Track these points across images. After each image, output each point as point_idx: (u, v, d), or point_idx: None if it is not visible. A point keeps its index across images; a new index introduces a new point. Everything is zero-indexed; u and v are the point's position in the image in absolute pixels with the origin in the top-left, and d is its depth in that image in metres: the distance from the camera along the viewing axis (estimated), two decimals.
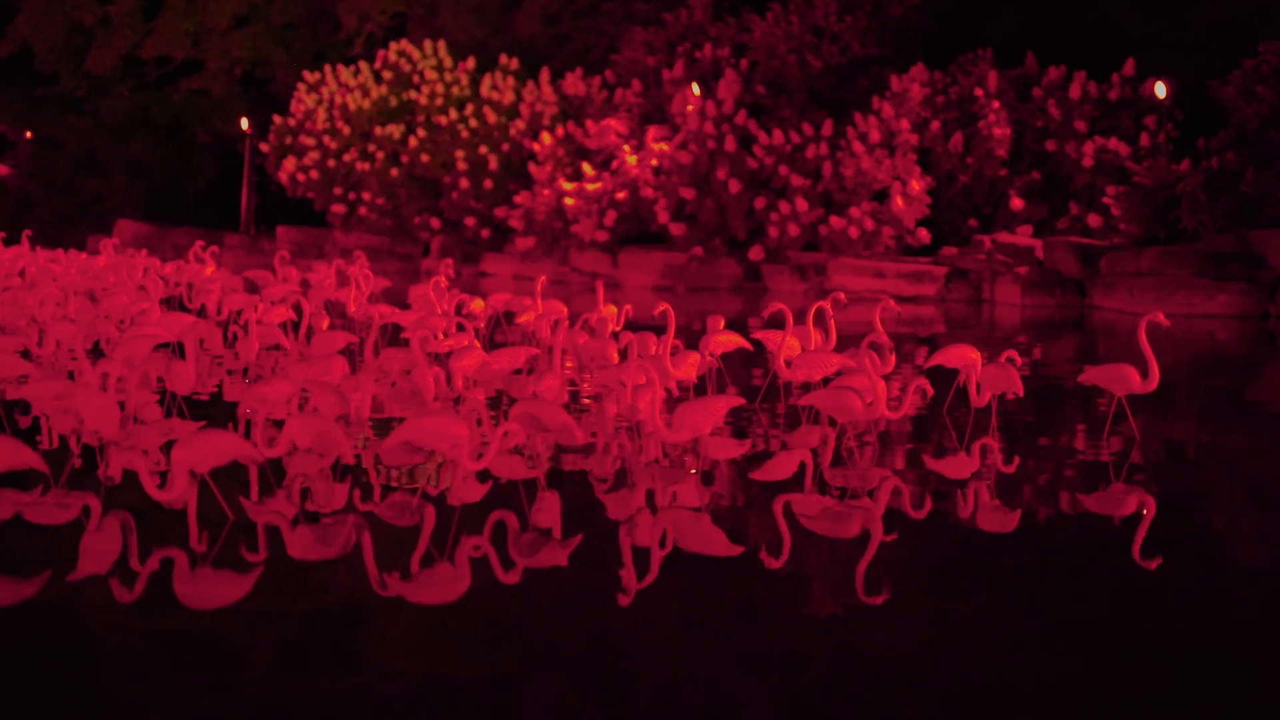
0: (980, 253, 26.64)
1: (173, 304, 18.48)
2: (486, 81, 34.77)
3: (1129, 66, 28.65)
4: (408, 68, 36.31)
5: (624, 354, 11.68)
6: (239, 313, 16.36)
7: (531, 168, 32.62)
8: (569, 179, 31.95)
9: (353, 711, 5.38)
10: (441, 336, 12.74)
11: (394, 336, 15.09)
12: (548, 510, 8.27)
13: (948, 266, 26.72)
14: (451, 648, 6.09)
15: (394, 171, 35.28)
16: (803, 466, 9.27)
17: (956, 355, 11.28)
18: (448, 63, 35.90)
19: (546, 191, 31.93)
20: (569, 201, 31.10)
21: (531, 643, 6.13)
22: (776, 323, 11.80)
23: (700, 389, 11.70)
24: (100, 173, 44.62)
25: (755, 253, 29.22)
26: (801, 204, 28.26)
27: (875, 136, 28.37)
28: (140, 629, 6.15)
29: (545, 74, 34.36)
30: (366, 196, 35.71)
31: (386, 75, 36.40)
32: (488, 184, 33.79)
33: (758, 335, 12.16)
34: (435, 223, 35.04)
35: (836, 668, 5.89)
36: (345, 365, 10.54)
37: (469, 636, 6.21)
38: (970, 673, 5.81)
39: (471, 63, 35.53)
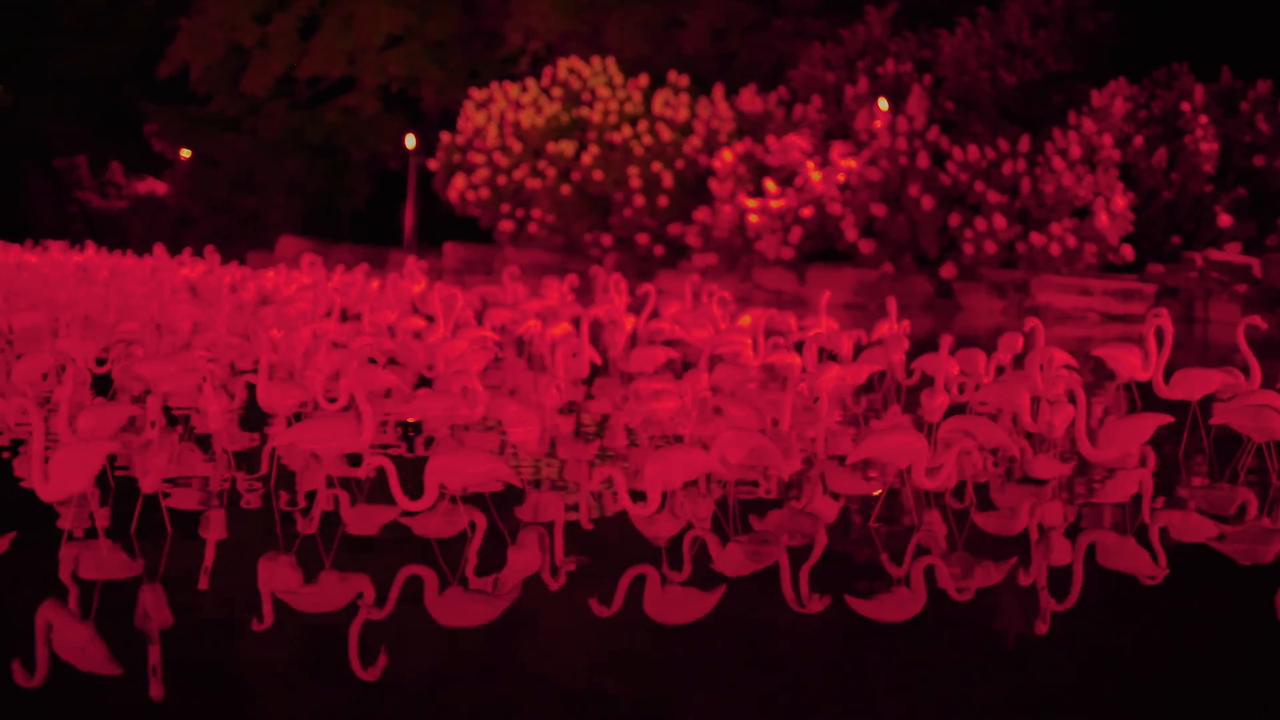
0: (1191, 270, 25.98)
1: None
2: (659, 98, 34.61)
3: None
4: (577, 84, 36.25)
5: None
6: (501, 327, 16.24)
7: (712, 184, 32.39)
8: (750, 195, 31.68)
9: None
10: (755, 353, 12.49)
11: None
12: (935, 528, 7.98)
13: (1157, 284, 26.10)
14: (610, 663, 5.81)
15: (565, 188, 35.19)
16: (1141, 487, 8.92)
17: None
18: (618, 79, 35.82)
19: (727, 208, 31.69)
20: (752, 218, 30.82)
21: (691, 661, 5.83)
22: (1157, 338, 11.36)
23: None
24: (258, 190, 45.08)
25: (947, 270, 28.78)
26: (999, 220, 27.78)
27: (1076, 152, 27.82)
28: (292, 634, 5.92)
29: (720, 90, 34.16)
30: (536, 214, 35.64)
31: (555, 92, 36.38)
32: (663, 201, 33.59)
33: (1098, 352, 11.75)
34: (606, 240, 34.91)
35: None
36: (705, 380, 10.29)
37: (629, 652, 5.93)
38: None
39: (645, 80, 35.41)
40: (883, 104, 30.37)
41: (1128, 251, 27.65)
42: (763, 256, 30.85)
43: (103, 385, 11.86)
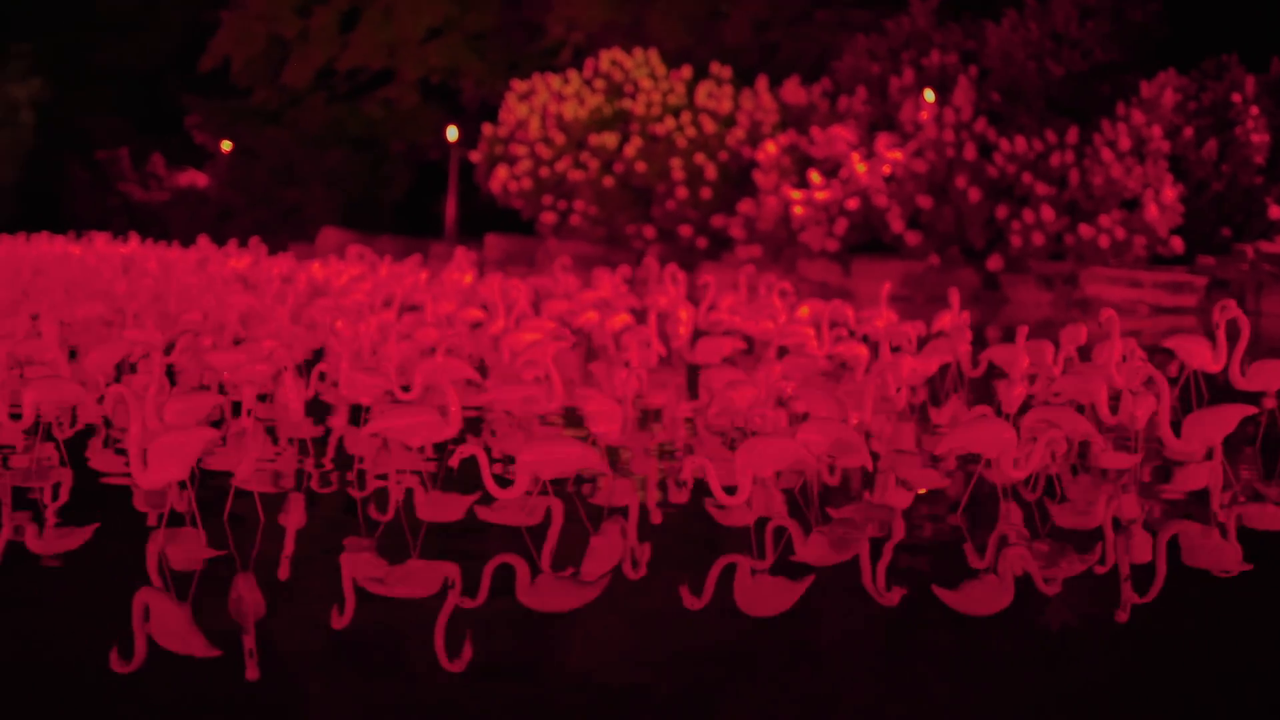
0: (1242, 262, 25.76)
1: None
2: (702, 90, 34.48)
3: None
4: (619, 76, 36.15)
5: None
6: (559, 319, 16.22)
7: (756, 176, 32.26)
8: (794, 187, 31.57)
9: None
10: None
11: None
12: (1013, 518, 7.93)
13: (1207, 276, 25.88)
14: (652, 657, 5.72)
15: (607, 180, 35.09)
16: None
17: None
18: (660, 71, 35.72)
19: (771, 200, 31.56)
20: (797, 210, 30.71)
21: (734, 654, 5.75)
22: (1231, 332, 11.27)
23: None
24: (299, 183, 45.18)
25: (994, 262, 28.59)
26: (1048, 212, 27.60)
27: (1125, 144, 27.61)
28: (328, 629, 5.87)
29: (763, 82, 34.03)
30: (579, 205, 35.55)
31: (598, 84, 36.29)
32: (707, 193, 33.50)
33: (1168, 343, 11.67)
34: (649, 232, 34.82)
35: None
36: (777, 370, 10.25)
37: (672, 643, 5.85)
38: None
39: (687, 71, 35.29)
40: (929, 95, 30.19)
41: (1177, 244, 27.37)
42: (807, 248, 30.71)
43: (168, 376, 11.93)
